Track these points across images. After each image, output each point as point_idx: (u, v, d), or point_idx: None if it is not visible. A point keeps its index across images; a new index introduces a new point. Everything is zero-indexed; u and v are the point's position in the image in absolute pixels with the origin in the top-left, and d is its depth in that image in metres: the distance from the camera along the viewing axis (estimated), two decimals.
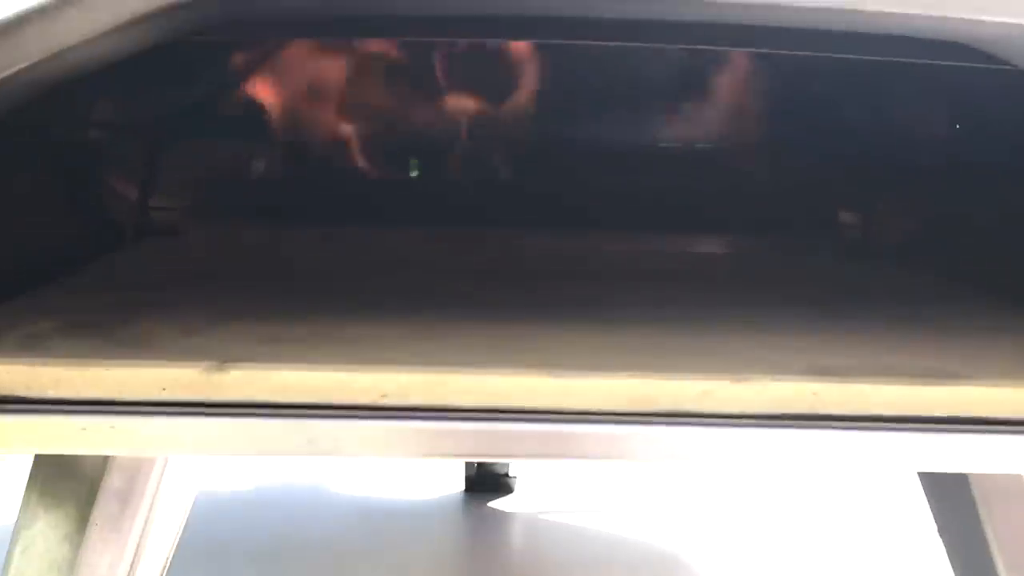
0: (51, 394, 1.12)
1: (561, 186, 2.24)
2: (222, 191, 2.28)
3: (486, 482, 2.95)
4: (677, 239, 2.17)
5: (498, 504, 2.90)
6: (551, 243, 2.09)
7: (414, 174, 2.30)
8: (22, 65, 0.97)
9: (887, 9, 0.96)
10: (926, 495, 1.68)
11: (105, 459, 1.28)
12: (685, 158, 2.29)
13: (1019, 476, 1.41)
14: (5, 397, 1.10)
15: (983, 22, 1.00)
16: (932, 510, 1.68)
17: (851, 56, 1.28)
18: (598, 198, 2.22)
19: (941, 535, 1.69)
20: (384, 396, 1.15)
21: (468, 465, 2.92)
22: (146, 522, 1.33)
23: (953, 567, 1.63)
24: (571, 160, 2.26)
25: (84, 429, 1.09)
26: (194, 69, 2.08)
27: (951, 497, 1.54)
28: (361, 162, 2.26)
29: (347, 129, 2.25)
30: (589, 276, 1.86)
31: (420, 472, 3.06)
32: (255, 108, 2.23)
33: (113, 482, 1.30)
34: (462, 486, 2.98)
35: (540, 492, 2.97)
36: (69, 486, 1.31)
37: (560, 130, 2.23)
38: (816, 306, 1.61)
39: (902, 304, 1.65)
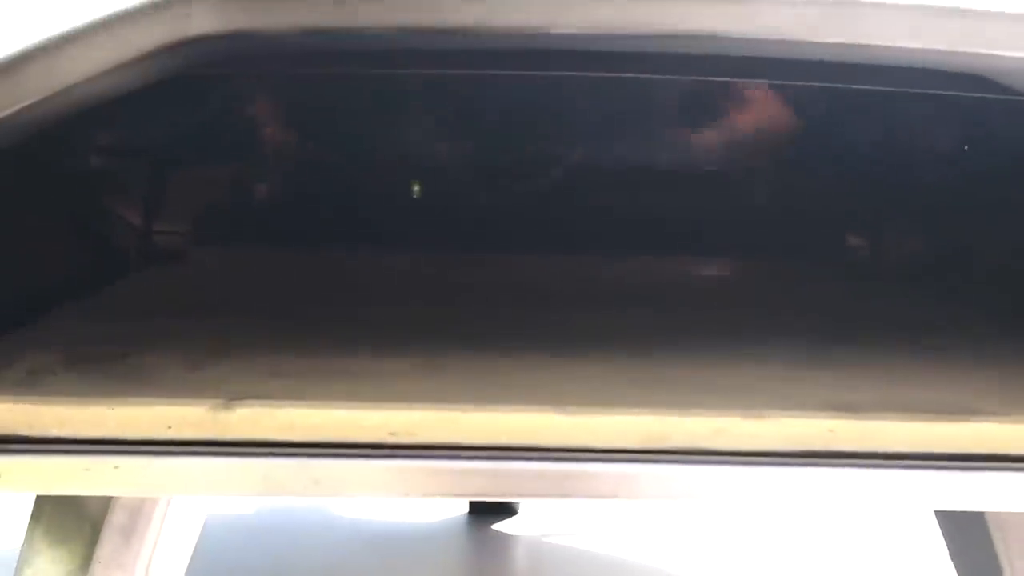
0: (54, 433, 1.10)
1: (569, 209, 2.22)
2: (226, 216, 2.26)
3: (490, 504, 2.93)
4: (685, 262, 2.16)
5: (502, 526, 2.88)
6: (558, 267, 2.07)
7: (417, 197, 2.28)
8: (24, 103, 0.95)
9: (912, 45, 0.95)
10: (939, 523, 1.66)
11: (109, 496, 1.26)
12: (693, 181, 2.27)
13: None
14: (7, 436, 1.09)
15: (1001, 56, 0.98)
16: (945, 538, 1.66)
17: (868, 87, 1.27)
18: (605, 221, 2.20)
19: (953, 560, 1.67)
20: (392, 434, 1.13)
21: None
22: (150, 559, 1.31)
23: None
24: (577, 183, 2.24)
25: (88, 470, 1.07)
26: (197, 95, 2.07)
27: (965, 526, 1.52)
28: (365, 185, 2.24)
29: (351, 153, 2.23)
30: (596, 301, 1.84)
31: None
32: (258, 132, 2.21)
33: (117, 519, 1.28)
34: (466, 508, 2.96)
35: (544, 514, 2.95)
36: (73, 523, 1.29)
37: (568, 153, 2.21)
38: (827, 333, 1.59)
39: (914, 331, 1.63)
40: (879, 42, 0.96)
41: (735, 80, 1.36)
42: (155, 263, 2.14)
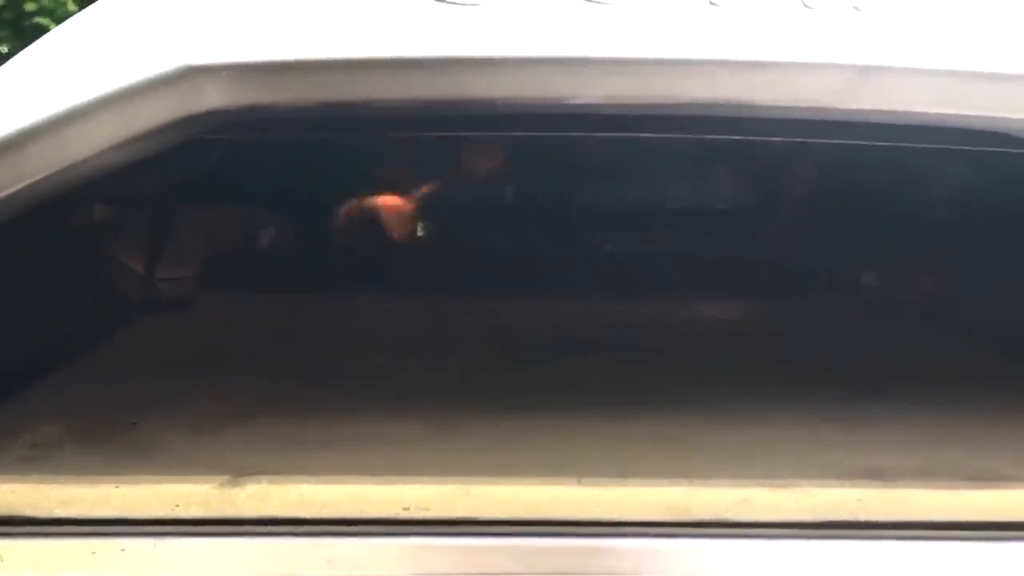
0: (58, 513, 1.07)
1: (584, 252, 2.20)
2: (230, 261, 2.24)
3: None
4: (697, 303, 2.13)
5: None
6: (573, 310, 2.04)
7: (423, 243, 2.26)
8: (26, 182, 0.92)
9: (939, 111, 0.93)
10: None
11: None
12: (705, 222, 2.25)
13: None
14: (11, 518, 1.05)
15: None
16: None
17: (891, 144, 1.24)
18: (617, 263, 2.18)
19: None
20: (405, 509, 1.09)
21: None
22: None
23: None
24: (591, 224, 2.22)
25: (94, 553, 1.04)
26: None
27: None
28: (367, 231, 2.23)
29: (353, 200, 2.21)
30: (611, 347, 1.81)
31: None
32: (262, 179, 2.19)
33: None
34: None
35: None
36: None
37: (575, 196, 2.19)
38: (849, 383, 1.55)
39: (934, 380, 1.60)
40: (907, 108, 0.94)
41: (756, 138, 1.33)
42: (158, 310, 2.12)
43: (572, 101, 0.92)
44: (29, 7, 7.84)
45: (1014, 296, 1.85)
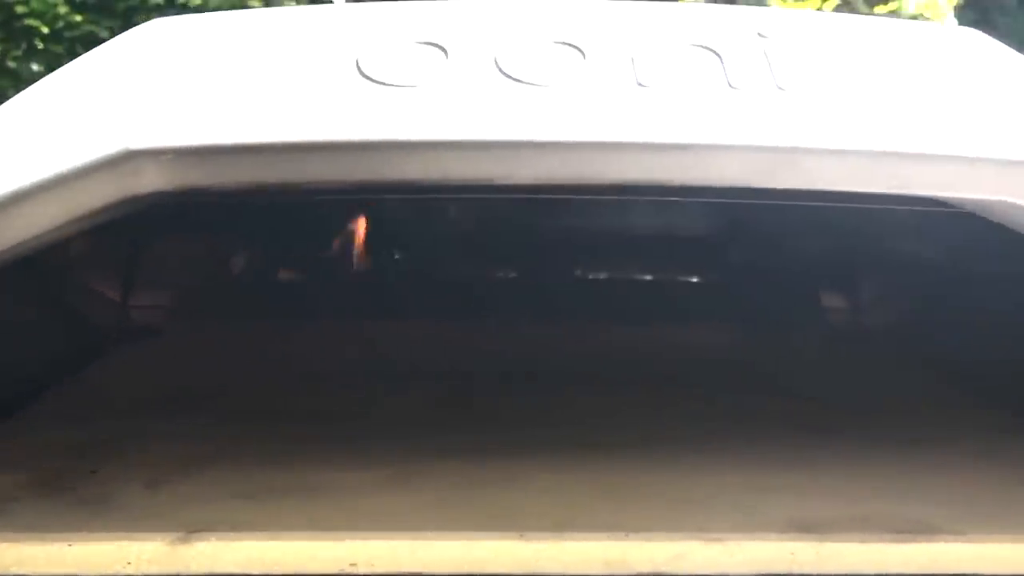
0: (13, 572, 1.10)
1: (540, 279, 2.23)
2: (202, 290, 2.27)
3: None
4: (657, 330, 2.15)
5: None
6: (530, 337, 2.07)
7: (397, 274, 2.29)
8: None
9: (863, 191, 0.96)
10: None
11: None
12: (666, 249, 2.28)
13: None
14: None
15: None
16: None
17: (868, 206, 1.27)
18: (576, 291, 2.22)
19: None
20: (352, 565, 1.13)
21: None
22: None
23: None
24: (549, 251, 2.25)
25: None
26: None
27: None
28: (340, 258, 2.26)
29: (327, 228, 2.24)
30: (567, 380, 1.83)
31: None
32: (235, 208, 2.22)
33: None
34: None
35: None
36: None
37: (538, 220, 2.22)
38: (795, 423, 1.59)
39: (883, 420, 1.63)
40: (825, 187, 0.97)
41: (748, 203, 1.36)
42: (131, 339, 2.14)
43: (501, 182, 0.95)
44: (20, 9, 7.86)
45: (976, 327, 1.89)
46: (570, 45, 1.07)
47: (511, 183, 0.95)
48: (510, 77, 1.01)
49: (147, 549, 1.11)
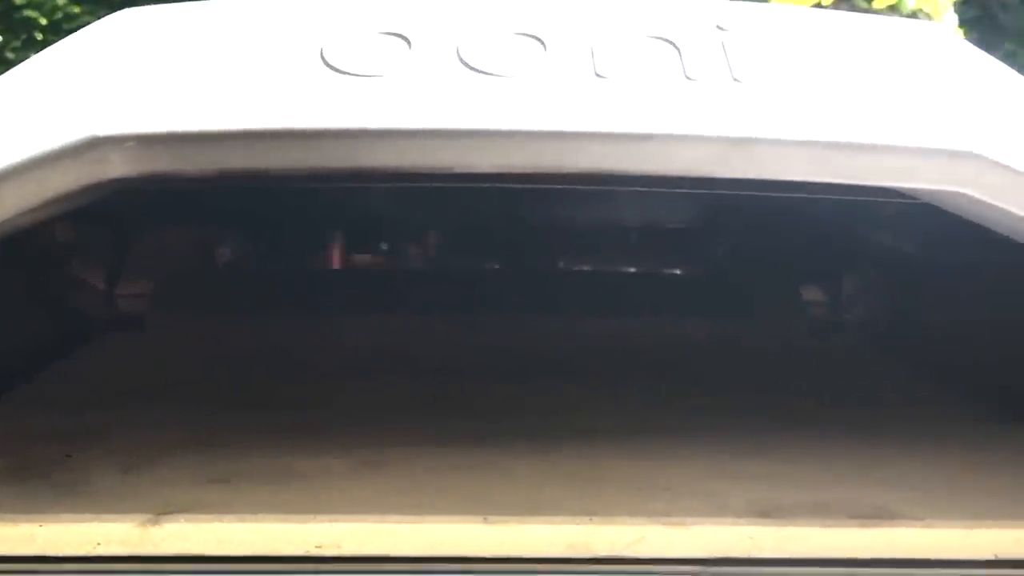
0: None
1: (516, 271, 2.25)
2: (187, 279, 2.29)
3: None
4: (628, 324, 2.17)
5: None
6: (505, 330, 2.09)
7: (379, 265, 2.31)
8: None
9: (814, 180, 0.98)
10: None
11: None
12: (647, 240, 2.29)
13: None
14: None
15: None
16: None
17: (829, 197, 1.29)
18: (548, 282, 2.23)
19: None
20: (318, 547, 1.14)
21: None
22: None
23: None
24: (520, 243, 2.27)
25: None
26: None
27: None
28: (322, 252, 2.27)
29: (312, 219, 2.25)
30: (544, 370, 1.86)
31: None
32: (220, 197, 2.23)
33: None
34: None
35: None
36: None
37: (511, 214, 2.23)
38: (763, 412, 1.61)
39: (851, 410, 1.66)
40: (776, 176, 0.99)
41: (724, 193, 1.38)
42: (116, 327, 2.17)
43: (461, 170, 0.97)
44: (19, 0, 7.87)
45: (953, 319, 1.91)
46: (531, 36, 1.09)
47: (473, 171, 0.97)
48: (472, 68, 1.03)
49: (116, 530, 1.13)
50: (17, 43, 8.01)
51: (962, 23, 12.47)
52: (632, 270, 2.29)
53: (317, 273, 2.27)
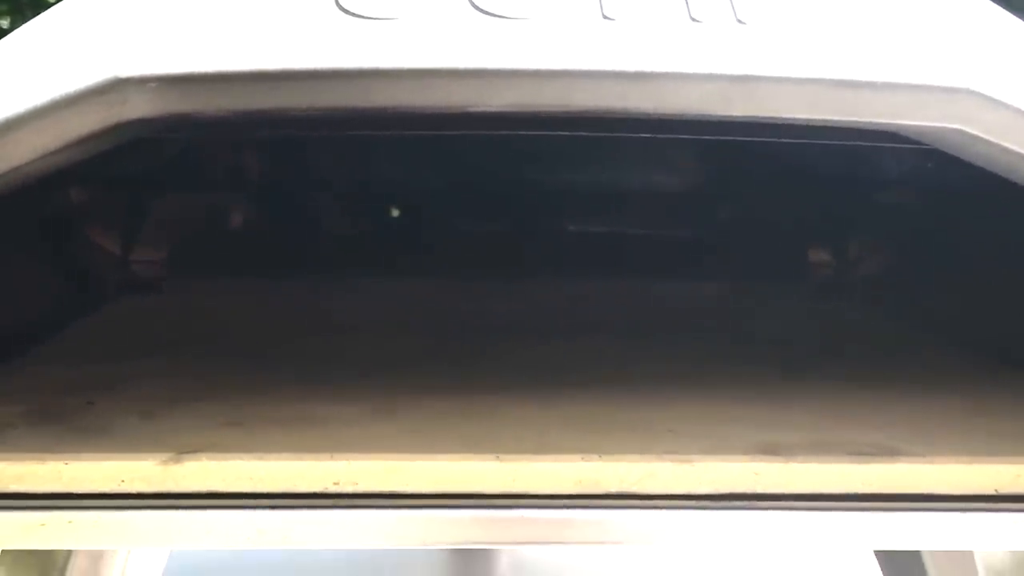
0: (12, 488, 1.15)
1: (527, 231, 2.28)
2: (202, 244, 2.32)
3: None
4: (643, 283, 2.20)
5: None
6: (526, 291, 2.12)
7: (391, 226, 2.34)
8: None
9: (819, 118, 1.01)
10: (878, 560, 1.71)
11: None
12: (649, 202, 2.32)
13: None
14: None
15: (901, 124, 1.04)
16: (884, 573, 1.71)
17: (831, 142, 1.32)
18: (559, 243, 2.26)
19: None
20: (335, 484, 1.18)
21: None
22: None
23: None
24: (532, 203, 2.30)
25: (43, 524, 1.13)
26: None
27: (903, 563, 1.57)
28: (338, 215, 2.30)
29: (324, 183, 2.28)
30: (550, 328, 1.89)
31: None
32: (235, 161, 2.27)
33: (80, 563, 1.33)
34: None
35: None
36: (37, 567, 1.34)
37: (523, 174, 2.26)
38: (768, 365, 1.64)
39: (858, 360, 1.69)
40: (780, 115, 1.01)
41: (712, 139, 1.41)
42: (132, 292, 2.20)
43: (473, 109, 1.00)
44: None
45: (957, 279, 1.93)
46: None
47: (487, 113, 1.00)
48: (484, 11, 1.06)
49: (140, 468, 1.17)
50: (22, 22, 8.04)
51: None
52: (640, 232, 2.32)
53: (332, 235, 2.29)
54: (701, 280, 2.23)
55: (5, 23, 7.45)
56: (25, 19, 1.18)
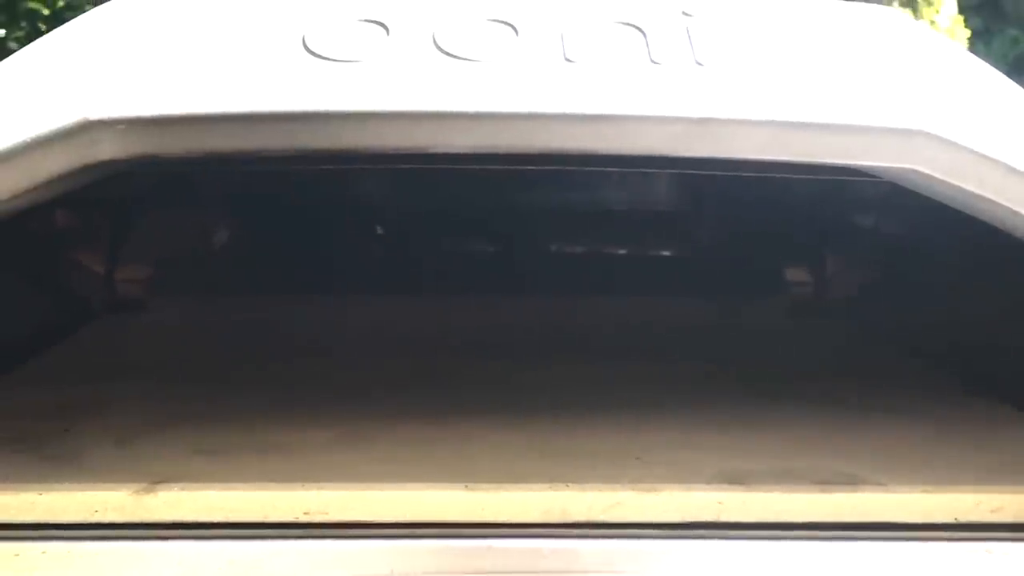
0: None
1: (505, 251, 2.30)
2: (184, 265, 2.34)
3: None
4: (621, 302, 2.22)
5: None
6: (488, 310, 2.14)
7: (376, 245, 2.36)
8: None
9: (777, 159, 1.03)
10: None
11: None
12: (630, 222, 2.34)
13: None
14: None
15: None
16: None
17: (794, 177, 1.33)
18: (536, 263, 2.28)
19: None
20: (306, 513, 1.20)
21: None
22: None
23: None
24: (513, 224, 2.32)
25: (17, 555, 1.14)
26: None
27: None
28: (321, 236, 2.32)
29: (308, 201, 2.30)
30: (525, 350, 1.91)
31: None
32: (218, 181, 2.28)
33: None
34: None
35: None
36: None
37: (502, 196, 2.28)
38: (737, 386, 1.66)
39: (828, 383, 1.71)
40: (740, 155, 1.03)
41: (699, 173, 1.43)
42: (116, 311, 2.22)
43: (435, 151, 1.02)
44: None
45: (931, 299, 1.95)
46: (504, 23, 1.14)
47: (450, 152, 1.02)
48: (447, 53, 1.08)
49: (113, 498, 1.18)
50: (20, 34, 8.05)
51: (964, 9, 12.47)
52: (615, 252, 2.34)
53: (314, 255, 2.31)
54: (679, 297, 2.24)
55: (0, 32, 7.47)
56: (21, 29, 1.20)
